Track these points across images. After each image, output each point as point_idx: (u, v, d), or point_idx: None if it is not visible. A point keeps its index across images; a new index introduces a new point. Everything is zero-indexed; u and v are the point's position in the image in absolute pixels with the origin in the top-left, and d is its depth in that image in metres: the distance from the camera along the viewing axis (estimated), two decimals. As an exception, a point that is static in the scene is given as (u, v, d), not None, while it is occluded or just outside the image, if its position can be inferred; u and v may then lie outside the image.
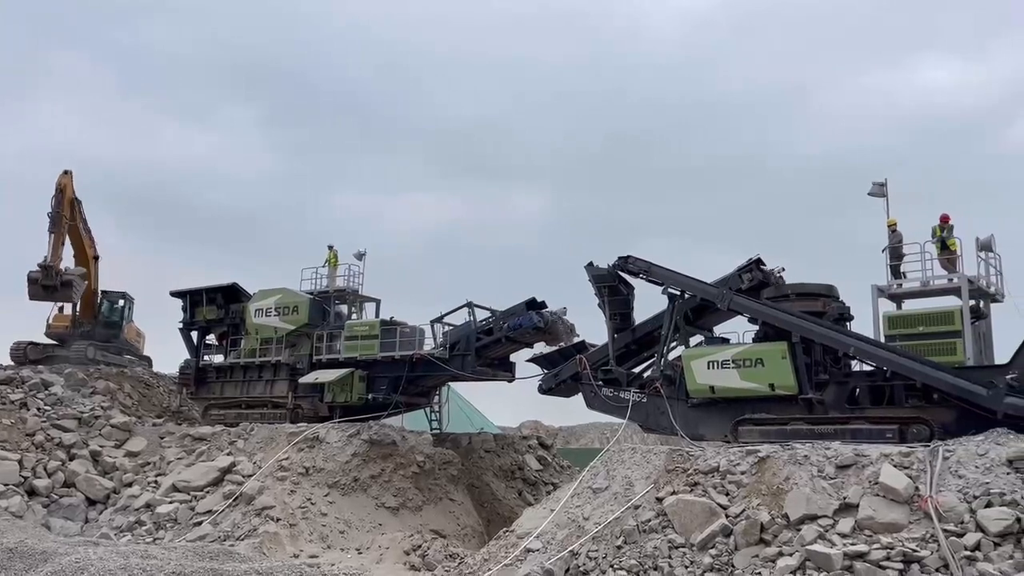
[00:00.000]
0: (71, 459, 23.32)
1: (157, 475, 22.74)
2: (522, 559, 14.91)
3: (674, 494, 14.55)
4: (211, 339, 28.93)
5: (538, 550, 14.96)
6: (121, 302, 34.09)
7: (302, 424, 23.71)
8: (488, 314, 23.37)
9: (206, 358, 28.48)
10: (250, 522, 19.29)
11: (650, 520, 14.36)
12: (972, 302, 16.66)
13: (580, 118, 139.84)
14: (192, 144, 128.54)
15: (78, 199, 31.24)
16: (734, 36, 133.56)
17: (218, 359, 28.28)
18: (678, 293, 19.21)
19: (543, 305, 22.33)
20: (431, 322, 24.04)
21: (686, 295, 19.14)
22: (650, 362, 20.20)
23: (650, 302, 20.30)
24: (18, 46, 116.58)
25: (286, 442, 22.20)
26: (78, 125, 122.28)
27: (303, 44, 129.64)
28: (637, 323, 20.50)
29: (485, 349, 23.04)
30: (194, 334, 28.68)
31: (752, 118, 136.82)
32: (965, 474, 12.67)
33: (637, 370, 20.57)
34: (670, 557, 13.56)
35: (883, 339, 16.74)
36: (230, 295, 28.01)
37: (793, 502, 13.30)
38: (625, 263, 19.82)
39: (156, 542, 19.08)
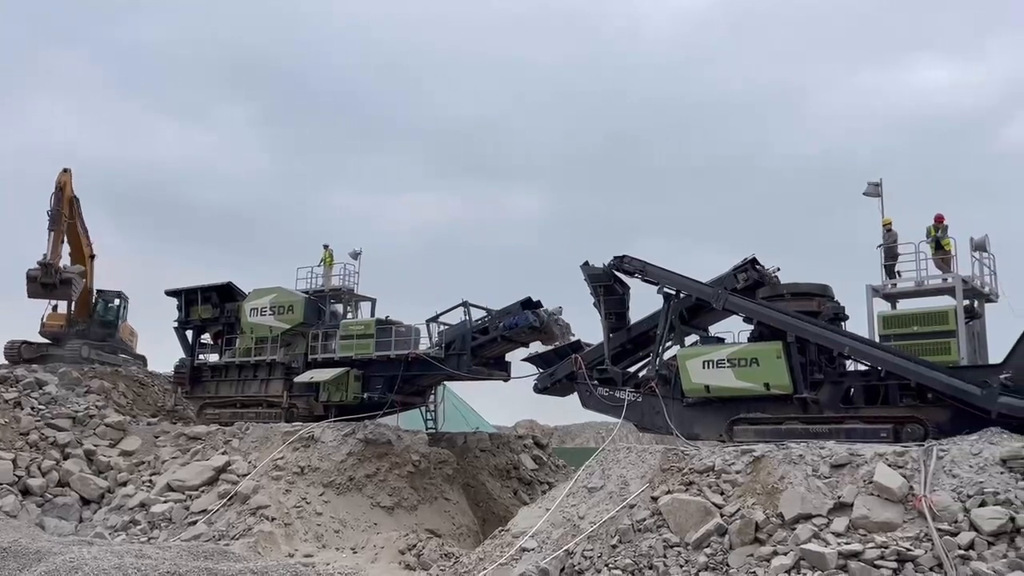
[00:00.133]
0: (65, 458, 23.28)
1: (152, 474, 22.70)
2: (517, 558, 14.92)
3: (669, 493, 14.57)
4: (206, 338, 28.88)
5: (533, 549, 14.97)
6: (117, 301, 34.00)
7: (297, 423, 23.68)
8: (484, 313, 23.37)
9: (201, 357, 28.43)
10: (245, 521, 19.26)
11: (645, 519, 14.38)
12: (966, 302, 16.71)
13: (578, 118, 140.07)
14: (189, 143, 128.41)
15: (76, 197, 31.26)
16: (732, 36, 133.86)
17: (213, 358, 28.23)
18: (673, 292, 19.23)
19: (539, 304, 22.32)
20: (426, 321, 24.07)
21: (681, 295, 19.16)
22: (645, 361, 20.20)
23: (645, 302, 20.37)
24: (14, 44, 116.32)
25: (281, 441, 22.17)
26: (74, 124, 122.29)
27: (301, 44, 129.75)
28: (632, 322, 20.52)
29: (481, 348, 23.03)
30: (189, 333, 28.62)
31: (749, 118, 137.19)
32: (959, 473, 12.71)
33: (632, 369, 20.58)
34: (665, 556, 13.58)
35: (878, 339, 16.78)
36: (225, 294, 27.96)
37: (788, 501, 13.33)
38: (621, 263, 19.84)
39: (151, 541, 19.05)
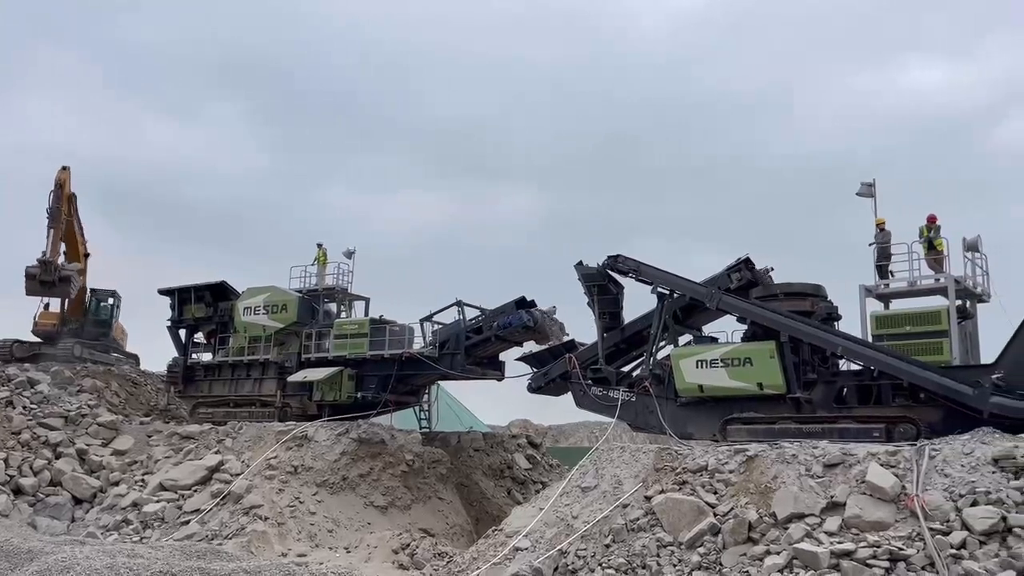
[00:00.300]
0: (57, 457, 23.20)
1: (144, 474, 22.64)
2: (511, 558, 14.93)
3: (662, 493, 14.59)
4: (199, 337, 28.82)
5: (527, 549, 14.97)
6: (111, 300, 33.91)
7: (291, 423, 23.64)
8: (478, 313, 23.38)
9: (194, 356, 28.35)
10: (238, 521, 19.22)
11: (639, 519, 14.40)
12: (959, 302, 16.77)
13: (574, 118, 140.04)
14: (185, 142, 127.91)
15: (74, 195, 31.35)
16: (728, 36, 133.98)
17: (206, 357, 28.16)
18: (667, 292, 19.25)
19: (533, 304, 22.34)
20: (420, 321, 24.04)
21: (675, 294, 19.19)
22: (639, 361, 20.25)
23: (640, 301, 20.39)
24: (10, 42, 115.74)
25: (274, 441, 22.13)
26: (70, 122, 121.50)
27: (298, 43, 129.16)
28: (626, 322, 20.54)
29: (474, 348, 23.03)
30: (182, 332, 28.56)
31: (746, 118, 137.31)
32: (951, 473, 12.75)
33: (626, 369, 20.61)
34: (658, 556, 13.60)
35: (871, 338, 16.82)
36: (218, 293, 27.90)
37: (781, 501, 13.36)
38: (615, 262, 19.85)
39: (143, 541, 18.99)
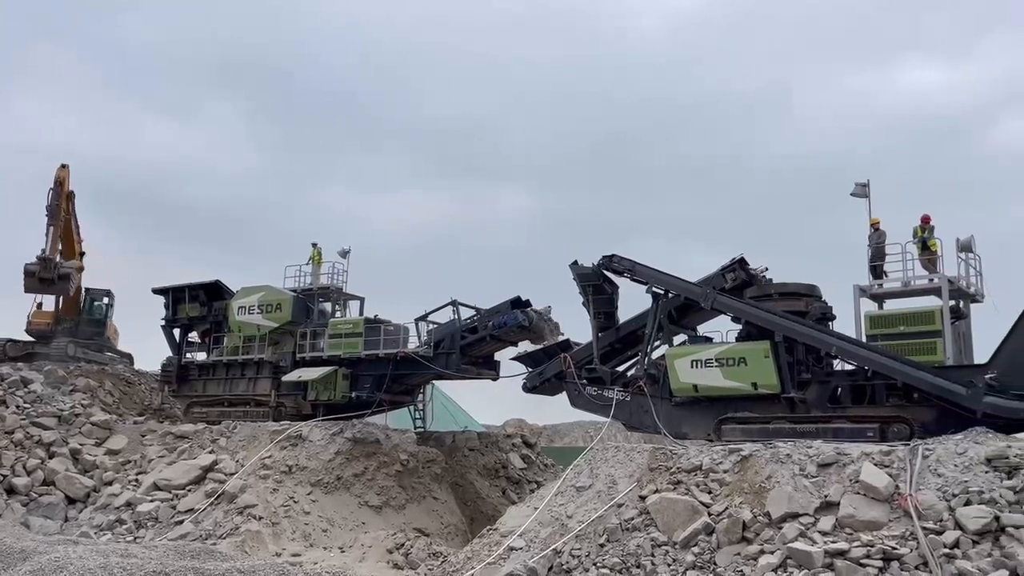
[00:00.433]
0: (51, 457, 23.10)
1: (138, 473, 22.57)
2: (505, 557, 14.93)
3: (657, 492, 14.62)
4: (193, 336, 28.74)
5: (521, 548, 14.98)
6: (105, 300, 33.82)
7: (285, 422, 23.59)
8: (473, 312, 23.36)
9: (188, 355, 28.29)
10: (232, 520, 19.18)
11: (633, 518, 14.41)
12: (952, 302, 16.82)
13: (571, 118, 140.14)
14: (181, 141, 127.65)
15: (72, 192, 31.39)
16: (725, 36, 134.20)
17: (200, 356, 28.10)
18: (662, 292, 19.27)
19: (528, 304, 22.33)
20: (415, 320, 24.02)
21: (670, 294, 19.21)
22: (634, 361, 20.25)
23: (634, 301, 20.41)
24: (8, 41, 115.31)
25: (269, 440, 22.09)
26: (64, 120, 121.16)
27: (296, 43, 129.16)
28: (621, 322, 20.55)
29: (469, 347, 23.01)
30: (176, 331, 28.46)
31: (742, 119, 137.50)
32: (944, 473, 12.79)
33: (621, 369, 20.62)
34: (653, 555, 13.62)
35: (865, 338, 16.86)
36: (213, 292, 27.83)
37: (775, 500, 13.39)
38: (610, 262, 19.87)
39: (137, 541, 18.94)
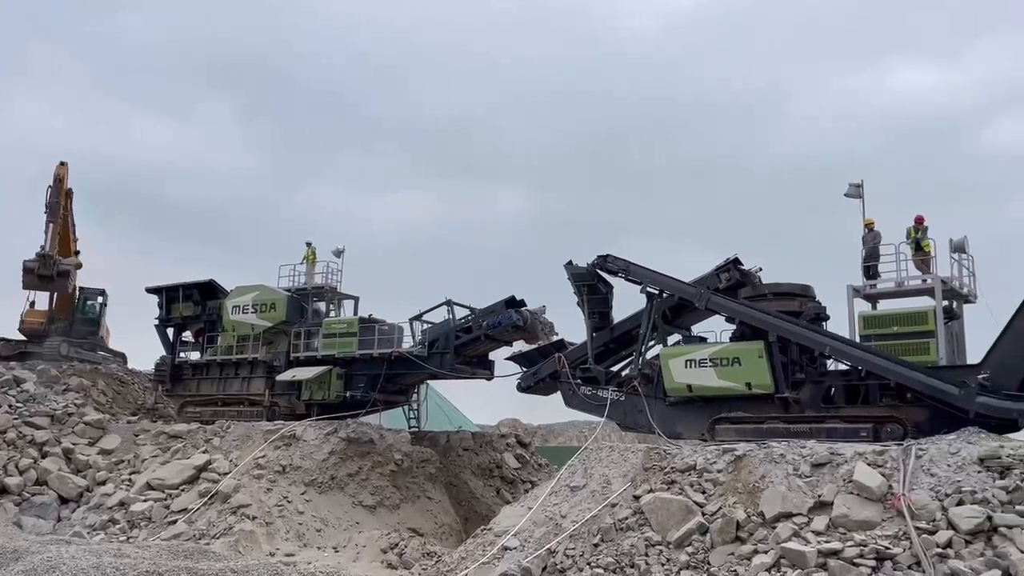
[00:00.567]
0: (43, 457, 23.00)
1: (131, 473, 22.50)
2: (499, 557, 14.92)
3: (651, 492, 14.62)
4: (187, 336, 28.69)
5: (515, 548, 14.97)
6: (100, 299, 33.73)
7: (279, 422, 23.56)
8: (467, 312, 23.35)
9: (182, 355, 28.23)
10: (226, 520, 19.14)
11: (627, 518, 14.42)
12: (945, 303, 16.87)
13: (565, 118, 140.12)
14: (174, 139, 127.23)
15: (71, 190, 31.49)
16: (721, 37, 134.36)
17: (194, 356, 28.04)
18: (656, 292, 19.30)
19: (522, 303, 22.33)
20: (410, 320, 24.00)
21: (664, 294, 19.24)
22: (628, 360, 20.28)
23: (629, 301, 20.43)
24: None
25: (263, 440, 22.04)
26: (56, 119, 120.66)
27: (290, 42, 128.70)
28: (616, 322, 20.58)
29: (464, 347, 23.01)
30: (170, 331, 28.41)
31: (738, 119, 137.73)
32: (937, 472, 12.83)
33: (615, 368, 20.65)
34: (647, 555, 13.63)
35: (858, 339, 16.90)
36: (207, 291, 27.78)
37: (769, 500, 13.41)
38: (604, 262, 19.89)
39: (130, 541, 18.88)
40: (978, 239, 17.54)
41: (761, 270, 19.08)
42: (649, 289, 19.36)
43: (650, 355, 19.45)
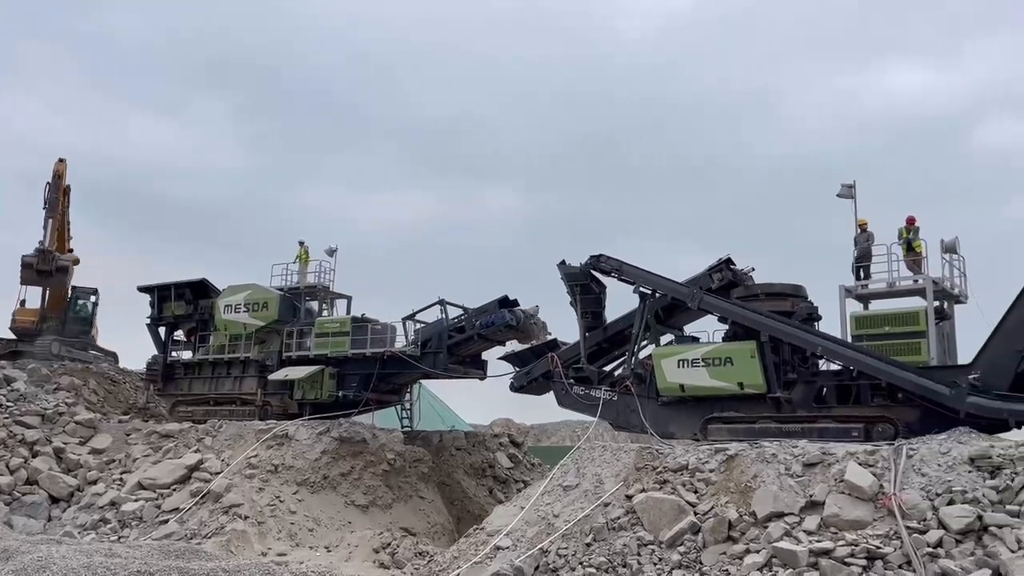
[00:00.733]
0: (34, 456, 22.91)
1: (122, 472, 22.42)
2: (492, 556, 14.93)
3: (643, 492, 14.65)
4: (179, 335, 28.59)
5: (508, 548, 14.98)
6: (93, 298, 33.60)
7: (271, 421, 23.50)
8: (460, 312, 23.34)
9: (174, 354, 28.12)
10: (217, 520, 19.09)
11: (619, 518, 14.44)
12: (936, 303, 16.94)
13: (562, 118, 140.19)
14: (168, 138, 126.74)
15: (69, 186, 31.55)
16: (717, 37, 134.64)
17: (186, 355, 27.95)
18: (649, 292, 19.32)
19: (515, 303, 22.33)
20: (403, 319, 23.97)
21: (657, 294, 19.26)
22: (621, 360, 20.29)
23: (622, 301, 20.44)
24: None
25: (255, 439, 22.00)
26: (50, 117, 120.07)
27: (283, 42, 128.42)
28: (608, 322, 20.58)
29: (457, 347, 22.99)
30: (162, 330, 28.28)
31: (734, 119, 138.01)
32: (928, 472, 12.88)
33: (608, 368, 20.66)
34: (639, 554, 13.65)
35: (850, 339, 16.95)
36: (199, 291, 27.68)
37: (760, 500, 13.45)
38: (597, 262, 19.90)
39: (121, 540, 18.82)
40: (972, 240, 17.64)
41: (753, 270, 19.15)
42: (642, 289, 19.38)
43: (643, 355, 19.46)
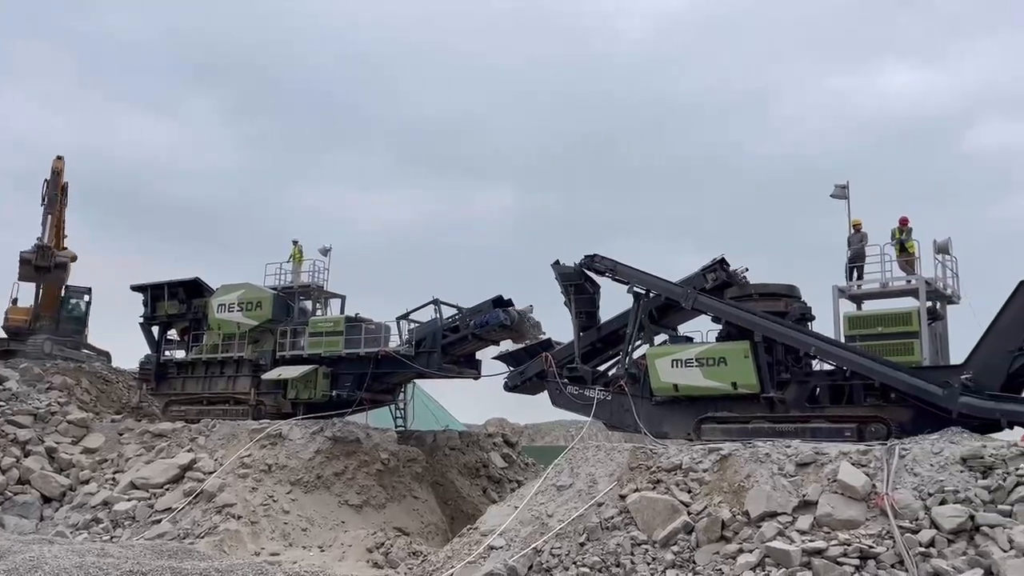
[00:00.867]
0: (26, 455, 22.82)
1: (115, 472, 22.36)
2: (485, 556, 14.91)
3: (637, 491, 14.66)
4: (172, 334, 28.51)
5: (501, 547, 14.96)
6: (86, 297, 33.49)
7: (265, 421, 23.45)
8: (454, 311, 23.32)
9: (167, 353, 28.02)
10: (210, 520, 19.04)
11: (613, 517, 14.45)
12: (929, 303, 17.01)
13: (559, 118, 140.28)
14: (162, 137, 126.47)
15: (67, 184, 31.54)
16: (714, 38, 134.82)
17: (180, 355, 27.85)
18: (643, 292, 19.34)
19: (509, 303, 22.32)
20: (397, 319, 23.93)
21: (651, 294, 19.28)
22: (615, 360, 20.32)
23: (616, 301, 20.46)
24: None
25: (248, 439, 21.94)
26: (44, 115, 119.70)
27: (278, 41, 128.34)
28: (603, 321, 20.61)
29: (451, 346, 22.98)
30: (155, 329, 28.18)
31: (730, 119, 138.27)
32: (920, 472, 12.91)
33: (602, 368, 20.68)
34: (632, 554, 13.65)
35: (843, 339, 17.00)
36: (192, 290, 27.61)
37: (754, 499, 13.46)
38: (591, 262, 19.92)
39: (113, 540, 18.76)
40: (964, 240, 17.71)
41: (747, 270, 19.19)
42: (636, 289, 19.41)
43: (637, 355, 19.49)
